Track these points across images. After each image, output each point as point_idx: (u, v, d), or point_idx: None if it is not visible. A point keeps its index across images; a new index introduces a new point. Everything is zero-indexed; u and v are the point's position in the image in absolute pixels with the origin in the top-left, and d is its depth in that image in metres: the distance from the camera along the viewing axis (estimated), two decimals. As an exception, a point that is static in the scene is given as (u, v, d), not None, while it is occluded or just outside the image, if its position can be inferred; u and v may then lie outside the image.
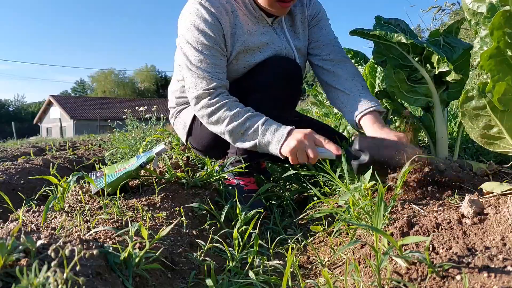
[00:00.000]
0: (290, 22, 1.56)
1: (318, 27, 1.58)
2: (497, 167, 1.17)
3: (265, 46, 1.46)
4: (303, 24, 1.57)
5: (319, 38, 1.57)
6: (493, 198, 0.89)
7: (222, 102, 1.32)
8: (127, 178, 1.34)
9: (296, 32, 1.57)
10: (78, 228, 0.95)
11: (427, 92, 1.39)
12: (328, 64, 1.52)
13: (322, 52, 1.55)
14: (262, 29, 1.47)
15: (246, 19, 1.43)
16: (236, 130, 1.30)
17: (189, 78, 1.38)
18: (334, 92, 1.49)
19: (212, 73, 1.35)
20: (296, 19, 1.56)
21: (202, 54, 1.34)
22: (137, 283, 0.75)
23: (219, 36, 1.36)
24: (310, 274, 0.99)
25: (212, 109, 1.32)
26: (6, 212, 1.76)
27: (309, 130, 1.23)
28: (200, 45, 1.34)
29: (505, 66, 0.79)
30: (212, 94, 1.33)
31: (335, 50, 1.54)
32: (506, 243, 0.67)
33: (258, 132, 1.27)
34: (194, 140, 1.68)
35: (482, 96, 0.86)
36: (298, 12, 1.56)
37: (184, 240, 1.05)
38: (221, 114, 1.32)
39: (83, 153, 4.34)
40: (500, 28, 0.75)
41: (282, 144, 1.23)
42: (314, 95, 3.38)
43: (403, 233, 0.82)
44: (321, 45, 1.56)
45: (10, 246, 0.59)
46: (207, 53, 1.35)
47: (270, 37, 1.48)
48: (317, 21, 1.59)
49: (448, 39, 1.37)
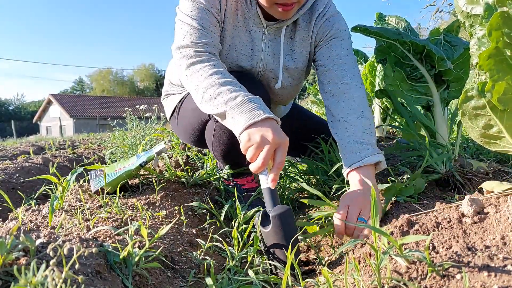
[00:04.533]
0: (290, 34, 1.36)
1: (327, 48, 1.33)
2: (497, 166, 1.17)
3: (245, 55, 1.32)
4: (303, 42, 1.36)
5: (324, 62, 1.33)
6: (493, 197, 0.89)
7: (210, 57, 1.15)
8: (127, 177, 1.34)
9: (292, 48, 1.37)
10: (77, 227, 0.95)
11: (427, 91, 1.39)
12: (327, 97, 1.29)
13: (324, 79, 1.31)
14: (250, 28, 1.31)
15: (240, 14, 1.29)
16: (212, 89, 1.07)
17: (178, 30, 1.21)
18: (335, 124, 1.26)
19: (206, 29, 1.19)
20: (297, 35, 1.35)
21: (198, 8, 1.20)
22: (136, 282, 0.75)
23: (215, 6, 1.23)
24: (310, 273, 0.99)
25: (195, 60, 1.13)
26: (5, 211, 1.76)
27: (286, 139, 0.98)
28: (196, 3, 1.21)
29: (505, 66, 0.79)
30: (201, 47, 1.16)
31: (336, 76, 1.27)
32: (506, 242, 0.67)
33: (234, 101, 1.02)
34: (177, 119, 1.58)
35: (481, 95, 0.86)
36: (303, 28, 1.34)
37: (184, 239, 1.05)
38: (203, 67, 1.12)
39: (83, 152, 4.34)
40: (499, 28, 0.75)
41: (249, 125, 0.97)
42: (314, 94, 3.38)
43: (403, 232, 0.82)
44: (324, 71, 1.32)
45: (9, 244, 0.58)
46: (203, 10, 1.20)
47: (252, 45, 1.32)
48: (327, 41, 1.34)
49: (448, 38, 1.37)
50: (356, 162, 1.11)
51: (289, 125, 1.72)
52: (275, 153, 0.96)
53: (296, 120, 1.73)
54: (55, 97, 35.35)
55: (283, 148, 0.96)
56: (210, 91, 1.07)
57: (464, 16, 0.87)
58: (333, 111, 1.25)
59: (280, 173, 1.05)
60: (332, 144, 1.51)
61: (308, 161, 1.54)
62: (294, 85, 1.42)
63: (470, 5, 0.85)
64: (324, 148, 1.50)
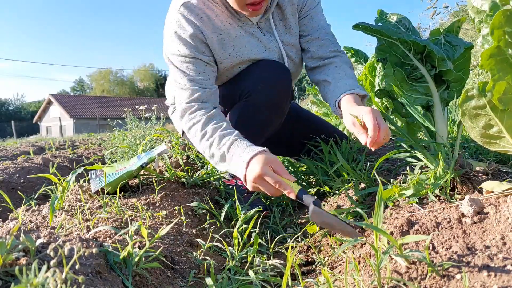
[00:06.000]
0: (280, 16, 1.48)
1: (309, 18, 1.49)
2: (496, 166, 1.16)
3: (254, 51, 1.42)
4: (294, 16, 1.49)
5: (309, 32, 1.49)
6: (493, 197, 0.89)
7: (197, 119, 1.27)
8: (127, 177, 1.34)
9: (287, 26, 1.49)
10: (77, 227, 0.95)
11: (427, 91, 1.39)
12: (317, 62, 1.47)
13: (311, 47, 1.48)
14: (249, 31, 1.41)
15: (232, 22, 1.38)
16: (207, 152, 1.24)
17: (176, 89, 1.35)
18: (322, 85, 1.44)
19: (196, 81, 1.31)
20: (286, 12, 1.47)
21: (184, 63, 1.32)
22: (136, 282, 0.75)
23: (200, 44, 1.32)
24: (310, 273, 0.99)
25: (189, 125, 1.28)
26: (5, 211, 1.76)
27: (273, 158, 1.08)
28: (181, 56, 1.32)
29: (506, 65, 0.79)
30: (192, 107, 1.29)
31: (324, 44, 1.47)
32: (506, 242, 0.67)
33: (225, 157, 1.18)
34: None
35: (482, 95, 0.86)
36: (288, 4, 1.46)
37: (184, 239, 1.05)
38: (196, 132, 1.26)
39: (83, 152, 4.34)
40: (501, 27, 0.74)
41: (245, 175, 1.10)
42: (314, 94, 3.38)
43: (403, 232, 0.82)
44: (311, 39, 1.48)
45: (9, 245, 0.58)
46: (189, 62, 1.32)
47: (256, 41, 1.42)
48: (306, 11, 1.49)
49: (449, 38, 1.37)
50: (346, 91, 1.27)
51: (289, 125, 1.72)
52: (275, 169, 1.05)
53: (295, 121, 1.73)
54: (55, 97, 35.35)
55: (276, 165, 1.06)
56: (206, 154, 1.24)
57: (474, 12, 0.86)
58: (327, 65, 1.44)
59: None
60: (332, 145, 1.51)
61: (308, 161, 1.54)
62: (297, 63, 1.55)
63: (481, 0, 0.84)
64: (324, 148, 1.50)
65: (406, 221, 0.84)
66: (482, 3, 0.84)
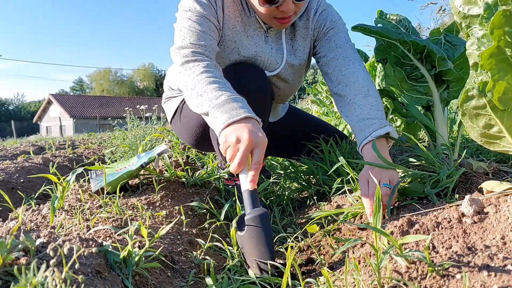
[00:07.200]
0: (290, 35, 1.45)
1: (326, 40, 1.41)
2: (497, 166, 1.16)
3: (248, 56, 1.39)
4: (305, 40, 1.44)
5: (326, 53, 1.40)
6: (493, 197, 0.89)
7: (205, 58, 1.18)
8: (127, 177, 1.34)
9: (294, 47, 1.45)
10: (77, 227, 0.95)
11: (427, 91, 1.39)
12: (334, 85, 1.36)
13: (328, 69, 1.39)
14: (252, 33, 1.38)
15: (237, 15, 1.34)
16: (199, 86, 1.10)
17: (177, 33, 1.25)
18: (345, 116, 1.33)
19: (205, 32, 1.22)
20: (297, 34, 1.44)
21: (197, 15, 1.24)
22: (136, 281, 0.75)
23: (213, 12, 1.28)
24: (310, 272, 0.99)
25: (190, 59, 1.17)
26: (5, 211, 1.76)
27: (264, 139, 0.97)
28: (195, 11, 1.25)
29: (506, 65, 0.79)
30: (199, 48, 1.19)
31: (340, 64, 1.35)
32: (506, 242, 0.67)
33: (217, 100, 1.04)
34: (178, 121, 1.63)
35: (482, 95, 0.86)
36: (302, 27, 1.43)
37: (184, 238, 1.05)
38: (196, 65, 1.15)
39: (83, 151, 4.34)
40: (501, 27, 0.74)
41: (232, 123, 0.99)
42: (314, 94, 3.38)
43: (403, 232, 0.82)
44: (327, 61, 1.39)
45: (9, 244, 0.58)
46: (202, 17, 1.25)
47: (252, 43, 1.38)
48: (324, 33, 1.42)
49: (449, 38, 1.37)
50: (365, 138, 1.15)
51: (288, 126, 1.72)
52: (252, 153, 0.95)
53: (294, 122, 1.74)
54: (55, 97, 35.35)
55: (260, 148, 0.94)
56: (197, 89, 1.10)
57: (460, 17, 0.87)
58: (342, 96, 1.32)
59: (280, 173, 1.06)
60: (332, 144, 1.51)
61: (308, 161, 1.54)
62: (295, 79, 1.51)
63: (467, 5, 0.85)
64: (324, 148, 1.50)
65: (406, 221, 0.84)
66: (469, 8, 0.84)
